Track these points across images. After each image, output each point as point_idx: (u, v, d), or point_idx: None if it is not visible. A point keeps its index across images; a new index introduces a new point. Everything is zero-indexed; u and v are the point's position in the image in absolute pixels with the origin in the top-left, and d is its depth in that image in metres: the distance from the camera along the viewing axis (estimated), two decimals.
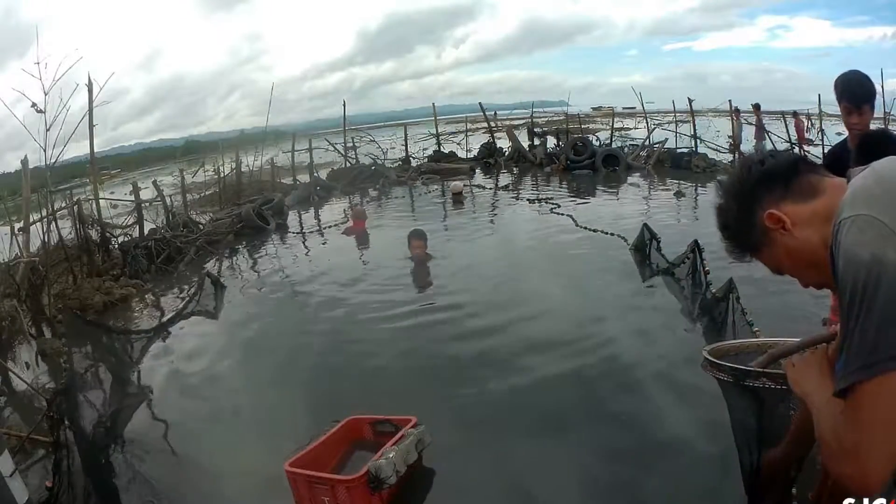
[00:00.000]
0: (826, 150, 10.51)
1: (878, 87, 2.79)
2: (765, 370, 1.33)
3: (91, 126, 8.28)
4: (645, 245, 6.15)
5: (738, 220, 1.04)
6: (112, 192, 11.13)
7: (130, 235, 8.35)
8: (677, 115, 15.87)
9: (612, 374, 3.71)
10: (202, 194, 13.08)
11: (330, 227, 9.73)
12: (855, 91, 2.49)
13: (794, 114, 13.26)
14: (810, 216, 0.98)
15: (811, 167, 1.04)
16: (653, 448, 2.88)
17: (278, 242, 9.27)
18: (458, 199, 10.86)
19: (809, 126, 15.84)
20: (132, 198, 9.05)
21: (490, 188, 12.57)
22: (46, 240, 7.02)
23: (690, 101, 14.42)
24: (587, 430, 3.13)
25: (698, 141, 14.02)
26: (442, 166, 15.33)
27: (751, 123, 14.10)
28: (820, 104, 12.71)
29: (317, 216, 11.47)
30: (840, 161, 2.64)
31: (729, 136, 14.20)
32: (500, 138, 17.73)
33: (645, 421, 3.14)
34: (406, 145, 17.29)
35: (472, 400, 3.54)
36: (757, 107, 13.31)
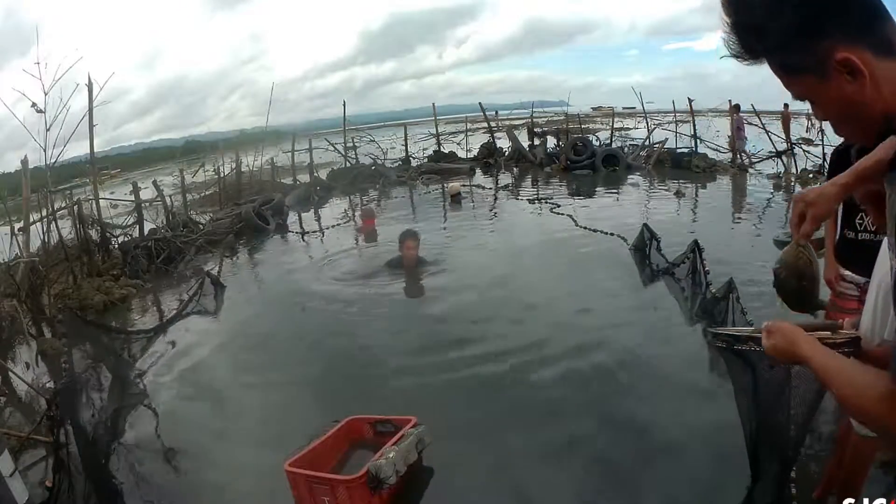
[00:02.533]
0: (825, 150, 10.48)
1: None
2: (752, 335, 1.39)
3: (91, 126, 8.28)
4: (645, 245, 6.15)
5: (788, 36, 0.82)
6: (112, 192, 11.14)
7: (130, 235, 8.35)
8: (677, 115, 15.87)
9: (611, 375, 3.71)
10: (202, 194, 13.09)
11: (330, 227, 9.73)
12: None
13: (785, 106, 13.23)
14: (885, 78, 0.80)
15: (888, 13, 0.83)
16: (652, 448, 2.88)
17: (278, 242, 9.27)
18: (455, 200, 10.84)
19: (810, 126, 15.82)
20: (132, 198, 9.06)
21: (490, 188, 12.57)
22: (46, 240, 7.03)
23: (690, 101, 14.42)
24: (587, 431, 3.12)
25: (698, 141, 14.03)
26: (442, 166, 15.33)
27: (749, 123, 14.10)
28: None
29: (317, 216, 11.47)
30: (842, 159, 2.59)
31: (728, 136, 14.19)
32: (500, 138, 17.73)
33: (644, 421, 3.15)
34: (406, 145, 17.29)
35: (471, 400, 3.54)
36: (736, 108, 13.28)
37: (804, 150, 12.06)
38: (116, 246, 8.04)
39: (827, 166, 2.74)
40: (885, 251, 1.64)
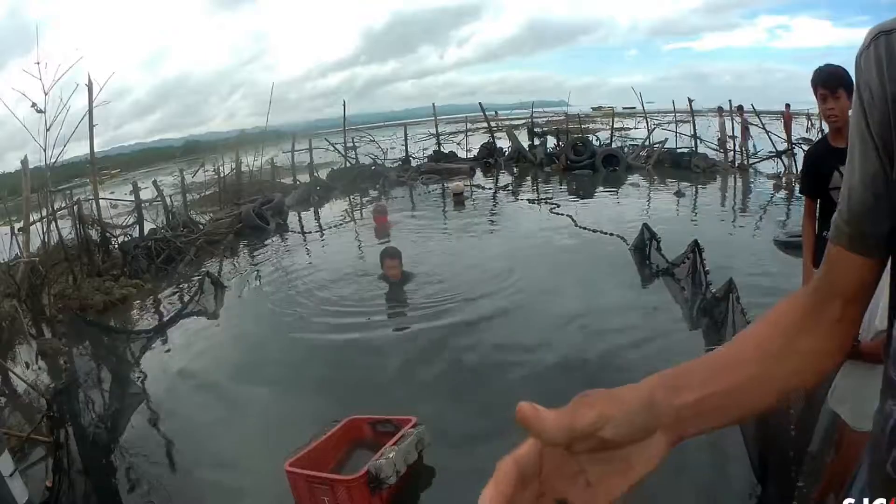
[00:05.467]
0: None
1: None
2: None
3: (91, 126, 8.30)
4: (645, 245, 6.14)
5: None
6: (112, 192, 11.14)
7: (130, 235, 8.35)
8: (677, 115, 15.87)
9: (612, 375, 3.71)
10: (202, 194, 13.08)
11: (330, 227, 9.74)
12: (827, 77, 2.42)
13: (787, 106, 13.29)
14: None
15: None
16: None
17: (278, 242, 9.27)
18: (458, 199, 10.82)
19: (810, 126, 15.83)
20: (132, 198, 9.06)
21: (490, 188, 12.57)
22: (46, 240, 7.03)
23: (690, 101, 14.43)
24: None
25: (698, 141, 14.03)
26: (442, 166, 15.33)
27: (750, 124, 14.14)
28: None
29: (317, 216, 11.47)
30: (821, 161, 2.54)
31: (718, 135, 14.24)
32: (500, 138, 17.73)
33: None
34: (406, 145, 17.28)
35: (471, 400, 3.54)
36: (740, 108, 13.45)
37: (804, 151, 12.08)
38: (116, 246, 8.04)
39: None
40: None
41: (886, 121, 0.50)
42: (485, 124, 18.33)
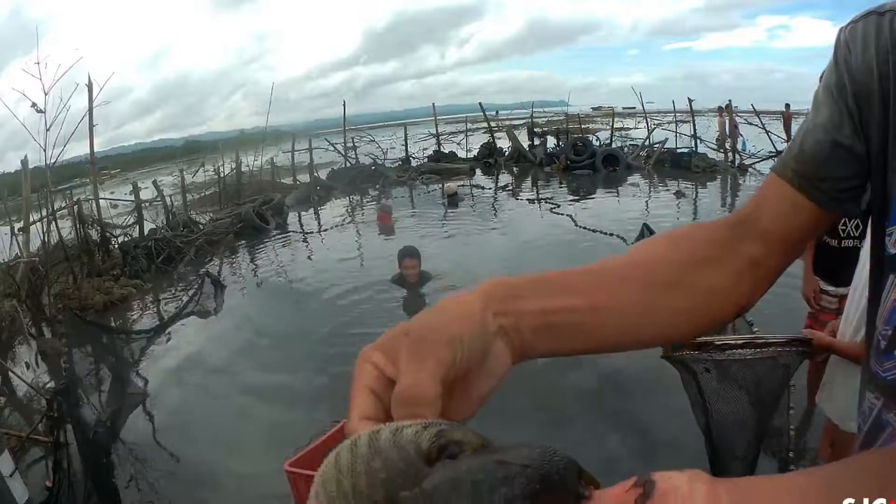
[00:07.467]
0: None
1: None
2: (686, 341, 1.38)
3: (91, 126, 8.30)
4: None
5: None
6: (112, 192, 11.14)
7: (130, 235, 8.36)
8: (677, 115, 15.87)
9: (610, 373, 3.71)
10: (202, 194, 13.09)
11: (331, 227, 9.74)
12: None
13: (787, 106, 13.32)
14: None
15: None
16: (650, 446, 2.89)
17: (278, 242, 9.27)
18: (452, 200, 10.71)
19: None
20: (132, 198, 9.06)
21: (490, 188, 12.57)
22: (46, 240, 7.03)
23: (690, 101, 14.44)
24: (586, 429, 3.13)
25: (698, 141, 14.03)
26: (442, 166, 15.34)
27: (749, 123, 14.18)
28: None
29: (317, 216, 11.47)
30: None
31: (717, 135, 14.27)
32: (500, 138, 17.73)
33: (642, 419, 3.15)
34: (406, 145, 17.29)
35: None
36: (728, 107, 13.55)
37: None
38: (116, 246, 8.05)
39: None
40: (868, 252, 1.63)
41: (865, 91, 0.49)
42: (485, 124, 18.34)
